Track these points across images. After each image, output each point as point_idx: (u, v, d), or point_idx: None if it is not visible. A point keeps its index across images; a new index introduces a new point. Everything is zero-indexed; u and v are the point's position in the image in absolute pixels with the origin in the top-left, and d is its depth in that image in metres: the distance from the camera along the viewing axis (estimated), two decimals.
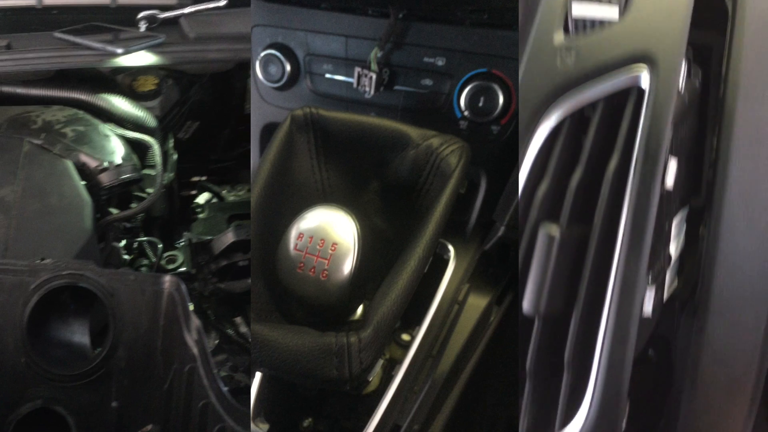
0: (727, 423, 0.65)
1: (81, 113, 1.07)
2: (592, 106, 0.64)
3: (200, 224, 1.14)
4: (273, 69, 0.98)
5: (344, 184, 0.79)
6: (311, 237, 0.65)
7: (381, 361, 0.75)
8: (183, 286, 0.74)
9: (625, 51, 0.62)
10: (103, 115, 1.11)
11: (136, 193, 1.12)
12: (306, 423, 0.78)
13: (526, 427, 0.65)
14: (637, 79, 0.61)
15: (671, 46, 0.62)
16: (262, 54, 0.99)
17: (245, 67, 1.12)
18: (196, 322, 0.74)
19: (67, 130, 1.02)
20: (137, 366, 0.72)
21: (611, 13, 0.64)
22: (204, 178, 1.39)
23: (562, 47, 0.64)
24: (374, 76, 0.90)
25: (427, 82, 0.89)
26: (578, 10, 0.64)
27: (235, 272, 1.07)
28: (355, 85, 0.92)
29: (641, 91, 0.61)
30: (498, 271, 0.91)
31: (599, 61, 0.63)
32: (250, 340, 1.00)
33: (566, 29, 0.65)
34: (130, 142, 1.10)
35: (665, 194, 0.63)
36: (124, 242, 1.07)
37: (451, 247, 0.85)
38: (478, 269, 0.89)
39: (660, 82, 0.60)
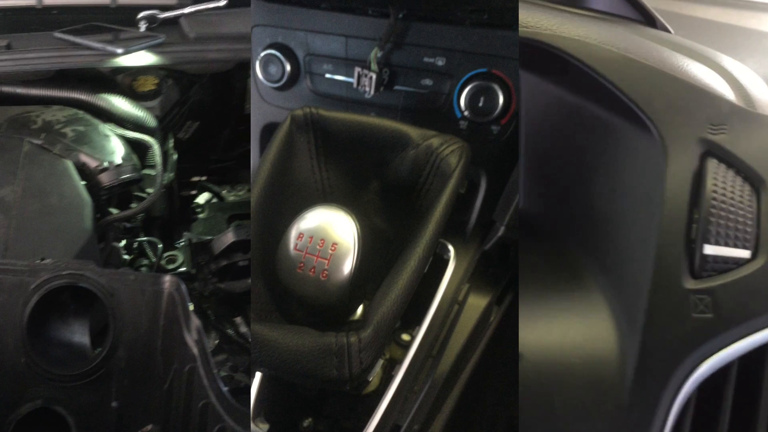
0: None
1: (81, 113, 1.07)
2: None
3: (200, 224, 1.14)
4: (273, 69, 0.98)
5: (344, 184, 0.79)
6: (311, 237, 0.65)
7: (381, 361, 0.75)
8: (183, 286, 0.74)
9: None
10: (103, 115, 1.10)
11: (136, 193, 1.12)
12: (306, 423, 0.78)
13: None
14: None
15: None
16: (262, 54, 0.99)
17: (245, 67, 1.12)
18: (196, 322, 0.74)
19: (67, 130, 1.02)
20: (137, 366, 0.72)
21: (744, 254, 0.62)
22: (204, 178, 1.39)
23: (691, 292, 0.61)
24: (374, 76, 0.90)
25: (427, 82, 0.89)
26: (711, 251, 0.62)
27: (235, 272, 1.07)
28: (355, 85, 0.92)
29: None
30: (498, 271, 0.91)
31: (742, 308, 0.60)
32: (250, 340, 1.00)
33: (693, 274, 0.63)
34: (130, 142, 1.10)
35: None
36: (124, 242, 1.07)
37: (451, 247, 0.85)
38: (478, 269, 0.89)
39: None
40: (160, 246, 1.11)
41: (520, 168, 0.86)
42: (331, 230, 0.65)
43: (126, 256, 1.07)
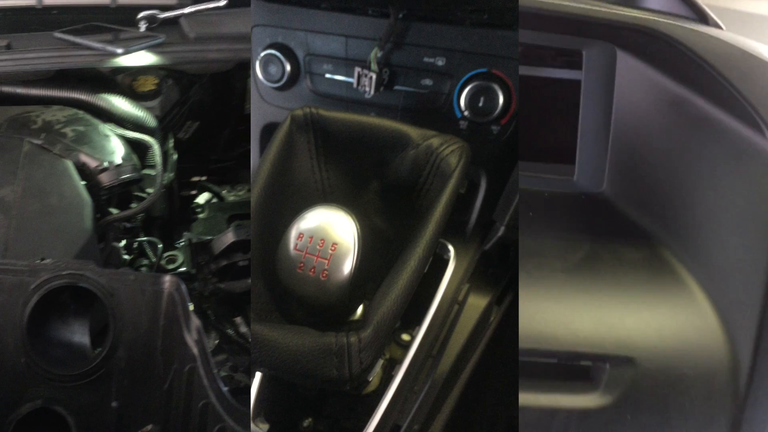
0: None
1: (81, 113, 1.07)
2: None
3: (200, 224, 1.14)
4: (273, 69, 0.98)
5: (344, 184, 0.79)
6: (311, 237, 0.65)
7: (381, 361, 0.75)
8: (183, 286, 0.74)
9: None
10: (103, 115, 1.10)
11: (136, 193, 1.12)
12: (306, 423, 0.78)
13: None
14: None
15: None
16: (262, 54, 0.99)
17: (245, 67, 1.12)
18: (196, 322, 0.74)
19: (67, 130, 1.02)
20: (137, 366, 0.72)
21: None
22: (204, 178, 1.39)
23: None
24: (374, 76, 0.90)
25: (427, 82, 0.89)
26: None
27: (235, 272, 1.07)
28: (355, 85, 0.92)
29: None
30: (498, 271, 0.92)
31: None
32: (250, 340, 1.00)
33: None
34: (130, 142, 1.10)
35: None
36: (124, 242, 1.08)
37: (451, 247, 0.85)
38: (478, 269, 0.90)
39: None
40: (160, 246, 1.11)
41: (607, 157, 0.81)
42: (331, 230, 0.65)
43: (126, 256, 1.07)
